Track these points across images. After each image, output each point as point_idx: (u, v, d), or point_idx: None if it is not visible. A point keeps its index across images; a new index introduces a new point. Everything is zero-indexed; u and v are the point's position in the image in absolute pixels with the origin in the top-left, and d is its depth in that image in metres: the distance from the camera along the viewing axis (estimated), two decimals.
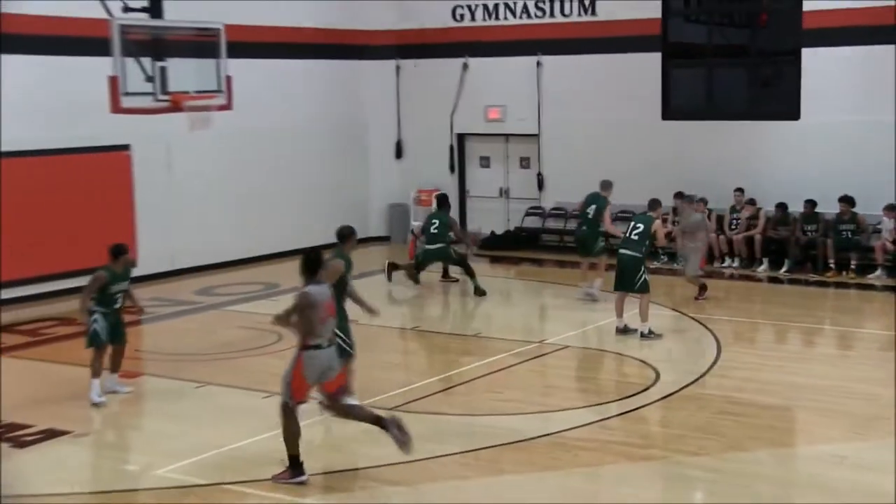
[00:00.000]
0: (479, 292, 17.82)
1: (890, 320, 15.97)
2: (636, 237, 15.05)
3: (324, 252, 10.39)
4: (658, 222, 15.20)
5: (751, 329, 15.97)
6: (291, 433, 9.61)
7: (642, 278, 14.92)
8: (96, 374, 12.43)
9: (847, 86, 19.38)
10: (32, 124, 17.60)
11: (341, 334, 11.44)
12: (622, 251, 15.13)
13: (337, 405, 9.93)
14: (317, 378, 9.66)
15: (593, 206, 17.34)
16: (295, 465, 9.60)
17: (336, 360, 9.89)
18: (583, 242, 17.75)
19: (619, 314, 15.18)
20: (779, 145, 20.11)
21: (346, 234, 12.13)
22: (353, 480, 9.85)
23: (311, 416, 11.67)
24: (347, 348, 11.77)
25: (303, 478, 9.58)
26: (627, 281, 14.97)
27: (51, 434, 11.34)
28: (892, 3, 18.67)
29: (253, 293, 18.28)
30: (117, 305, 12.61)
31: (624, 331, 15.08)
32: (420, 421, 11.48)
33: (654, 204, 15.43)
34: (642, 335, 14.84)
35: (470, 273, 18.04)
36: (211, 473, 9.81)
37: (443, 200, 19.18)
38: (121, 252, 12.61)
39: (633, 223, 15.34)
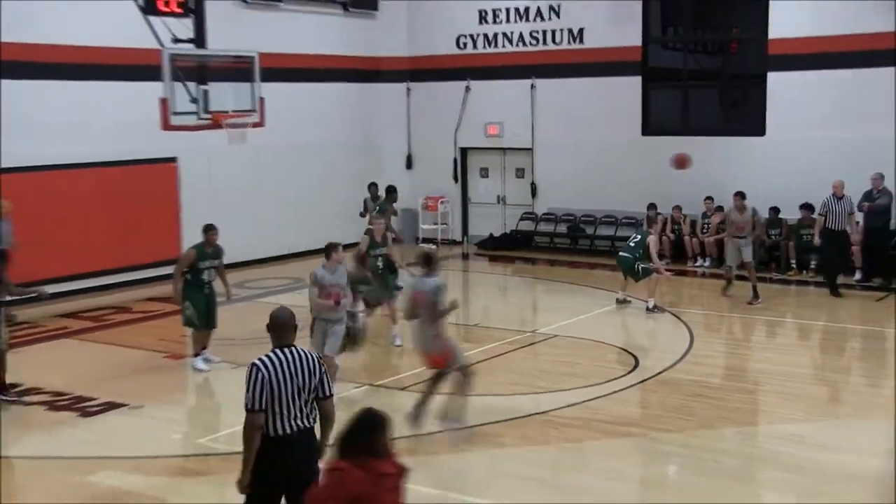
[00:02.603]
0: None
1: (846, 314, 16.06)
2: (633, 244, 16.21)
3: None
4: (652, 238, 16.11)
5: (720, 321, 16.03)
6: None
7: (639, 270, 16.02)
8: (197, 352, 12.93)
9: (808, 106, 19.37)
10: (96, 140, 17.77)
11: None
12: (621, 253, 16.45)
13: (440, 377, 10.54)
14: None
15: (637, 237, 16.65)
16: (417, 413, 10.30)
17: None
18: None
19: (622, 288, 16.40)
20: (746, 159, 20.12)
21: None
22: None
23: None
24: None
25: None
26: (627, 273, 16.19)
27: (110, 406, 11.55)
28: (848, 33, 18.69)
29: (281, 287, 18.39)
30: (206, 280, 12.76)
31: (622, 302, 16.28)
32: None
33: (651, 221, 16.59)
34: (647, 309, 15.93)
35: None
36: None
37: (390, 190, 18.21)
38: (208, 230, 12.92)
39: (634, 234, 16.68)
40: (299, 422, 6.47)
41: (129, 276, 18.31)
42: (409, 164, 24.42)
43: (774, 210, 19.32)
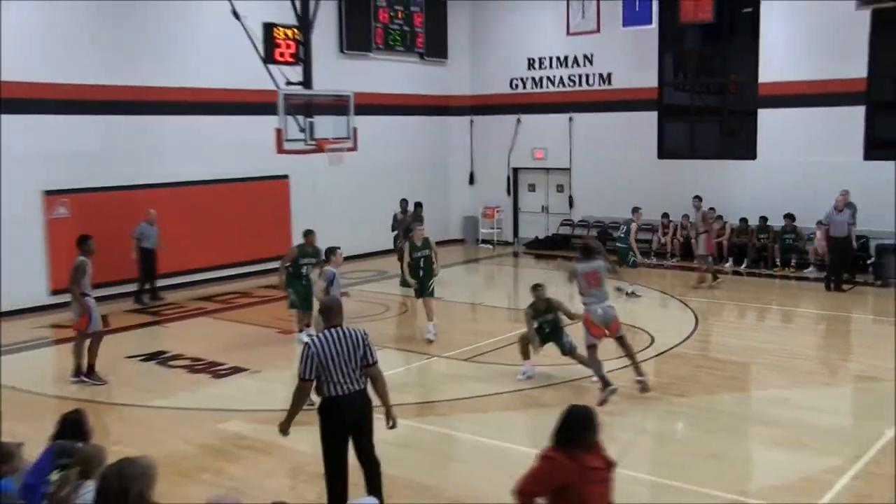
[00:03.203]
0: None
1: (818, 302, 15.75)
2: (622, 234, 16.45)
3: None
4: (633, 224, 16.34)
5: (719, 308, 15.82)
6: (597, 362, 9.97)
7: (631, 261, 16.02)
8: (300, 328, 13.01)
9: (791, 136, 19.08)
10: (225, 161, 18.03)
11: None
12: (618, 244, 16.47)
13: (621, 342, 10.24)
14: (601, 322, 10.00)
15: (625, 227, 16.80)
16: (606, 383, 9.86)
17: (609, 312, 10.09)
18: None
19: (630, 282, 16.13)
20: (741, 177, 19.85)
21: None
22: (435, 409, 9.96)
23: (410, 363, 11.87)
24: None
25: (613, 387, 9.84)
26: (622, 261, 15.92)
27: (236, 370, 11.70)
28: (824, 78, 18.38)
29: (368, 277, 18.46)
30: (304, 273, 12.73)
31: (631, 294, 15.96)
32: (485, 369, 11.63)
33: (634, 212, 16.63)
34: (626, 294, 15.81)
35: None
36: None
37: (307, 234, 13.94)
38: (307, 234, 13.11)
39: (622, 225, 16.82)
40: (348, 386, 6.51)
41: (251, 269, 18.56)
42: (471, 181, 24.38)
43: (763, 218, 19.02)
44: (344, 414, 6.55)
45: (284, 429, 6.76)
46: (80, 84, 15.78)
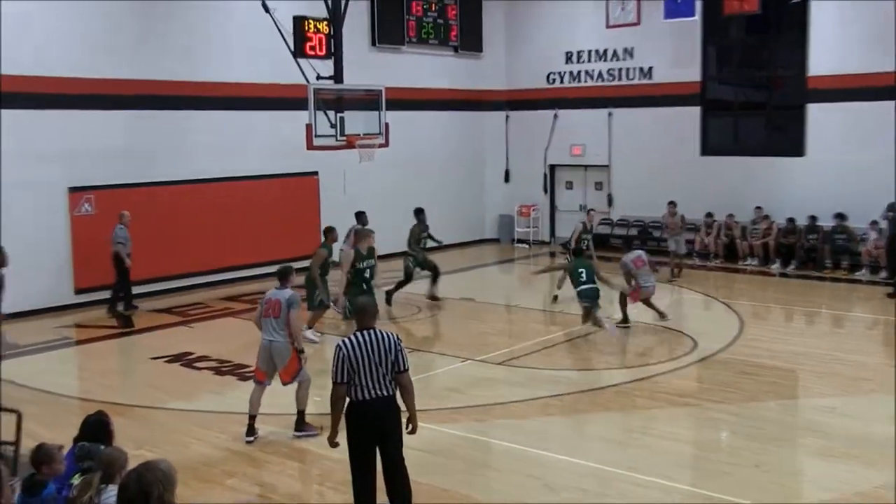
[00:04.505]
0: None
1: (871, 306, 15.50)
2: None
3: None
4: (578, 225, 17.05)
5: (765, 311, 15.63)
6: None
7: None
8: (310, 325, 13.17)
9: (842, 131, 18.82)
10: (254, 157, 18.16)
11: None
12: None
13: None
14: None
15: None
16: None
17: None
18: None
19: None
20: (788, 175, 19.62)
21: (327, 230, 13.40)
22: (467, 414, 9.91)
23: (437, 368, 11.85)
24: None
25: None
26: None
27: None
28: (874, 71, 18.10)
29: (399, 278, 18.40)
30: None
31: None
32: (520, 372, 11.59)
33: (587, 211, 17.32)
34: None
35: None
36: None
37: (328, 232, 13.82)
38: (329, 231, 13.42)
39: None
40: (377, 391, 6.52)
41: (275, 268, 18.60)
42: (507, 178, 24.31)
43: (812, 218, 18.77)
44: (371, 419, 6.56)
45: (332, 439, 6.80)
46: (106, 79, 15.94)
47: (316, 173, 19.15)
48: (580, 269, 13.44)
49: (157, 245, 16.50)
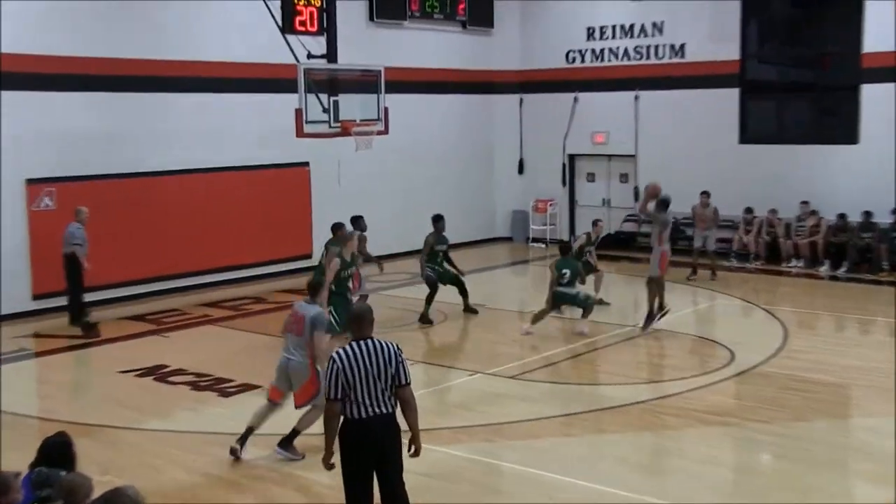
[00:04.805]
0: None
1: None
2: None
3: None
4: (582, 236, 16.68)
5: (813, 319, 15.56)
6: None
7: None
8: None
9: None
10: (237, 146, 18.13)
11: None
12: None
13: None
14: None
15: None
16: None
17: None
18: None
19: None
20: (839, 165, 19.53)
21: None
22: (476, 434, 9.85)
23: (442, 382, 11.82)
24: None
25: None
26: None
27: (246, 387, 11.65)
28: None
29: (400, 281, 18.39)
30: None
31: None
32: (535, 387, 11.56)
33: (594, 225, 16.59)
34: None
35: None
36: None
37: (336, 228, 13.95)
38: (337, 228, 13.59)
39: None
40: (377, 408, 6.49)
41: (266, 270, 18.66)
42: (520, 170, 24.27)
43: (867, 214, 18.72)
44: (368, 440, 6.51)
45: (326, 461, 6.74)
46: (69, 57, 15.87)
47: (307, 164, 19.14)
48: (564, 270, 14.13)
49: (127, 245, 16.48)
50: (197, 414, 10.79)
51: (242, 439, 9.18)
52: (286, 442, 9.18)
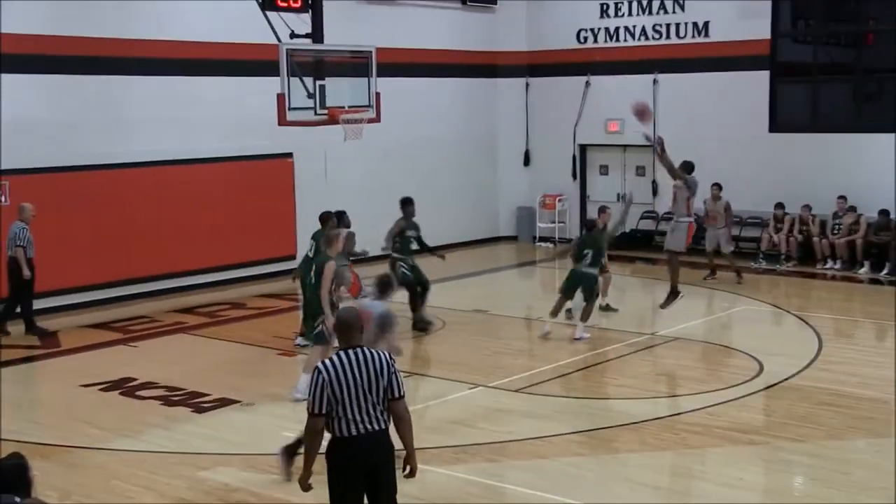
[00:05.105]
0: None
1: None
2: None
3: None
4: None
5: (851, 326, 15.60)
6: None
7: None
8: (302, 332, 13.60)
9: None
10: (212, 135, 18.15)
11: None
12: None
13: None
14: None
15: None
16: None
17: None
18: None
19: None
20: (881, 156, 19.54)
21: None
22: (478, 453, 9.87)
23: (440, 396, 11.85)
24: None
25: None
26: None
27: (224, 402, 11.69)
28: None
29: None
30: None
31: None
32: (542, 402, 11.58)
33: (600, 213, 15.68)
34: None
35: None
36: None
37: (325, 218, 13.89)
38: (326, 218, 13.73)
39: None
40: (368, 424, 6.48)
41: (244, 273, 18.68)
42: (526, 161, 24.32)
43: None
44: (358, 459, 6.52)
45: (304, 482, 6.67)
46: (20, 34, 15.76)
47: (290, 155, 19.17)
48: (586, 250, 14.27)
49: (89, 245, 16.50)
50: (169, 432, 10.78)
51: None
52: (292, 449, 9.18)
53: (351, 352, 6.56)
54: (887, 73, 19.99)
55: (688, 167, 14.69)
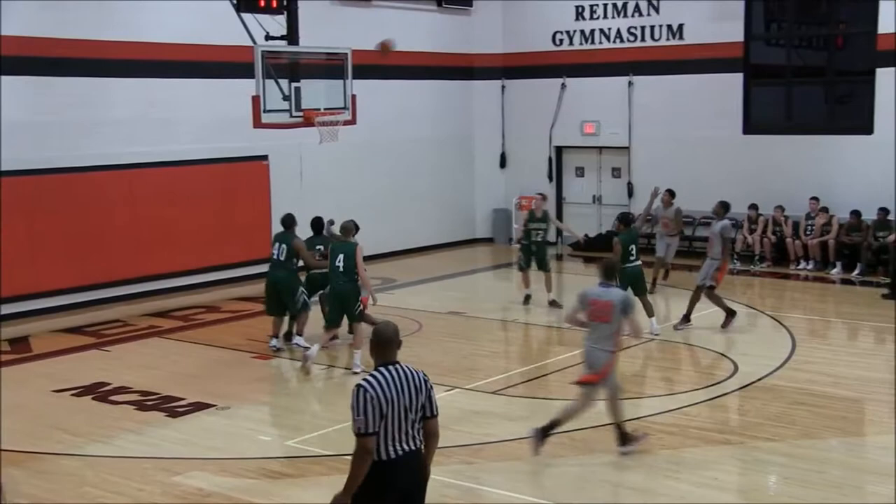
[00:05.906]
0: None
1: None
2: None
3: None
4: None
5: (824, 326, 15.66)
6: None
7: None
8: (299, 332, 14.09)
9: None
10: (186, 138, 18.02)
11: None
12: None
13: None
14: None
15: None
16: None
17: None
18: None
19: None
20: (853, 157, 19.69)
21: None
22: (456, 455, 9.81)
23: None
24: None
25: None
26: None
27: (198, 406, 11.66)
28: None
29: (373, 287, 18.38)
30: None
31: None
32: (519, 404, 11.57)
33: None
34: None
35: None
36: (335, 446, 9.86)
37: (289, 222, 14.61)
38: (317, 224, 14.79)
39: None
40: (406, 444, 6.15)
41: (219, 276, 18.55)
42: (502, 163, 24.33)
43: (883, 211, 18.89)
44: (398, 484, 6.14)
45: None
46: None
47: (266, 157, 19.07)
48: (631, 246, 14.49)
49: (61, 248, 16.32)
50: (142, 437, 10.71)
51: (625, 437, 9.72)
52: (623, 438, 9.68)
53: (392, 368, 6.21)
54: (857, 75, 20.11)
55: (724, 207, 14.83)
